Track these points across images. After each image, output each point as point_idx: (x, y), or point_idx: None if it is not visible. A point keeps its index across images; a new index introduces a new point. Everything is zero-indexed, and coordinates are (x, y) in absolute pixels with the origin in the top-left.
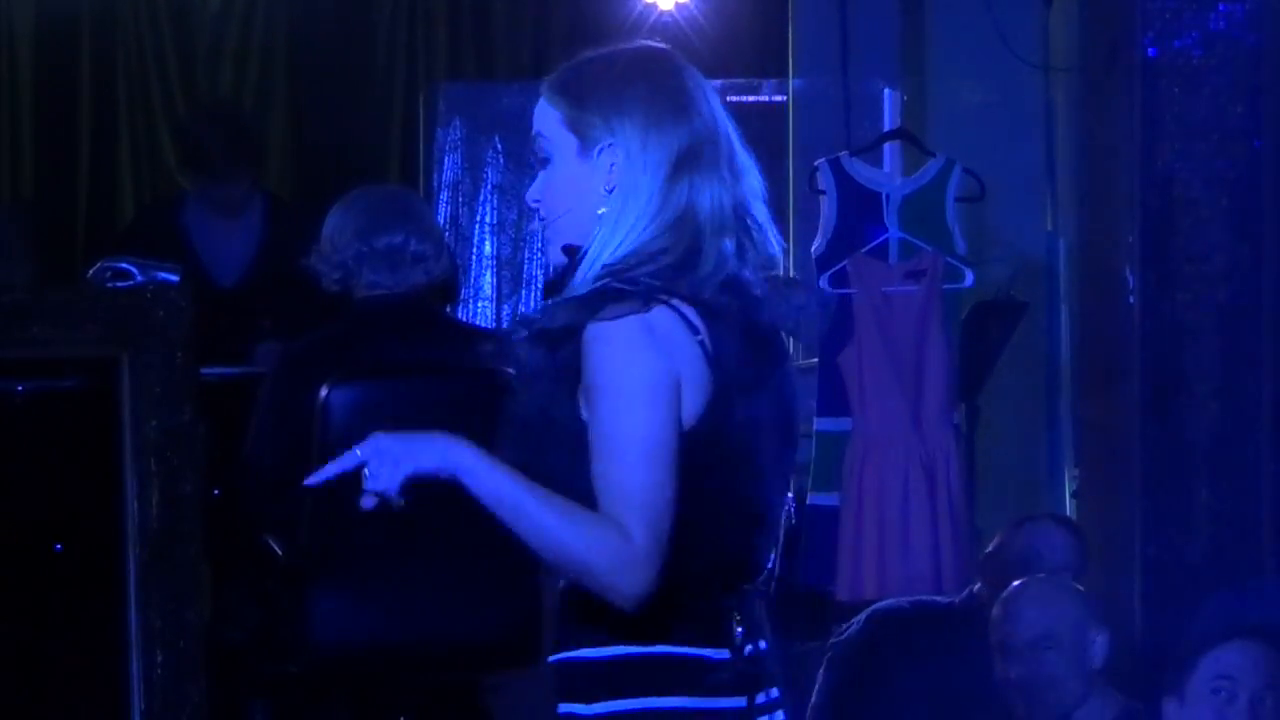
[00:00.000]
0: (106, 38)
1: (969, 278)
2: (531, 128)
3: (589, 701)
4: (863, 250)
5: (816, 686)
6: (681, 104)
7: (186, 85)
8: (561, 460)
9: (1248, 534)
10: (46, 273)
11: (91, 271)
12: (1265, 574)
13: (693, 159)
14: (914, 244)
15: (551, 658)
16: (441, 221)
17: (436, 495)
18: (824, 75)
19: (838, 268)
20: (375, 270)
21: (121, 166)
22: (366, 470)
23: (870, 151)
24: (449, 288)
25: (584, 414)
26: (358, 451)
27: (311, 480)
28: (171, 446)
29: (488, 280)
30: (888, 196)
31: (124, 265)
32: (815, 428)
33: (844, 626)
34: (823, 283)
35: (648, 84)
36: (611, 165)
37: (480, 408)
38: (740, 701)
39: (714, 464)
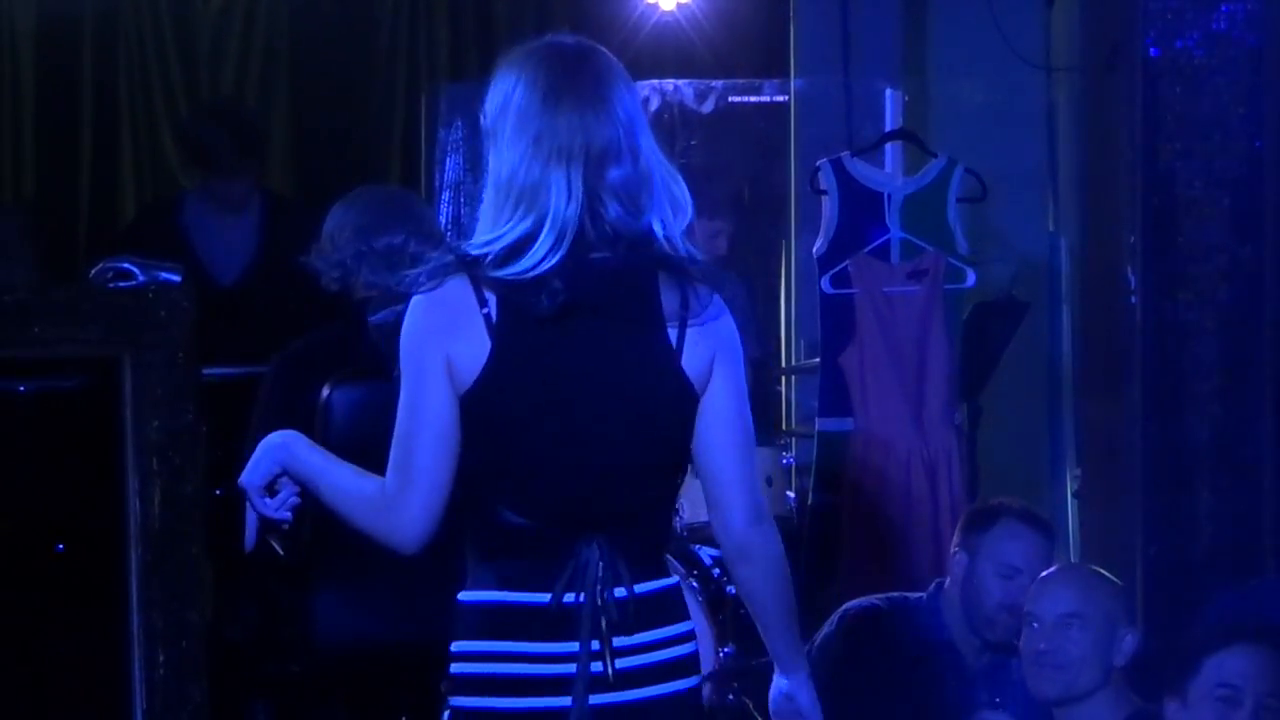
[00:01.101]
0: (108, 39)
1: (970, 278)
2: None
3: (451, 640)
4: (864, 250)
5: None
6: (544, 97)
7: (188, 86)
8: None
9: (1249, 534)
10: (48, 273)
11: (93, 272)
12: (1267, 574)
13: (546, 150)
14: (916, 244)
15: None
16: (443, 222)
17: None
18: (826, 75)
19: (839, 268)
20: (374, 270)
21: (123, 167)
22: (251, 503)
23: (872, 152)
24: None
25: None
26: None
27: (249, 547)
28: (173, 446)
29: None
30: (889, 196)
31: (126, 265)
32: (817, 427)
33: (822, 627)
34: (825, 283)
35: (521, 79)
36: (488, 153)
37: None
38: (559, 647)
39: (503, 422)
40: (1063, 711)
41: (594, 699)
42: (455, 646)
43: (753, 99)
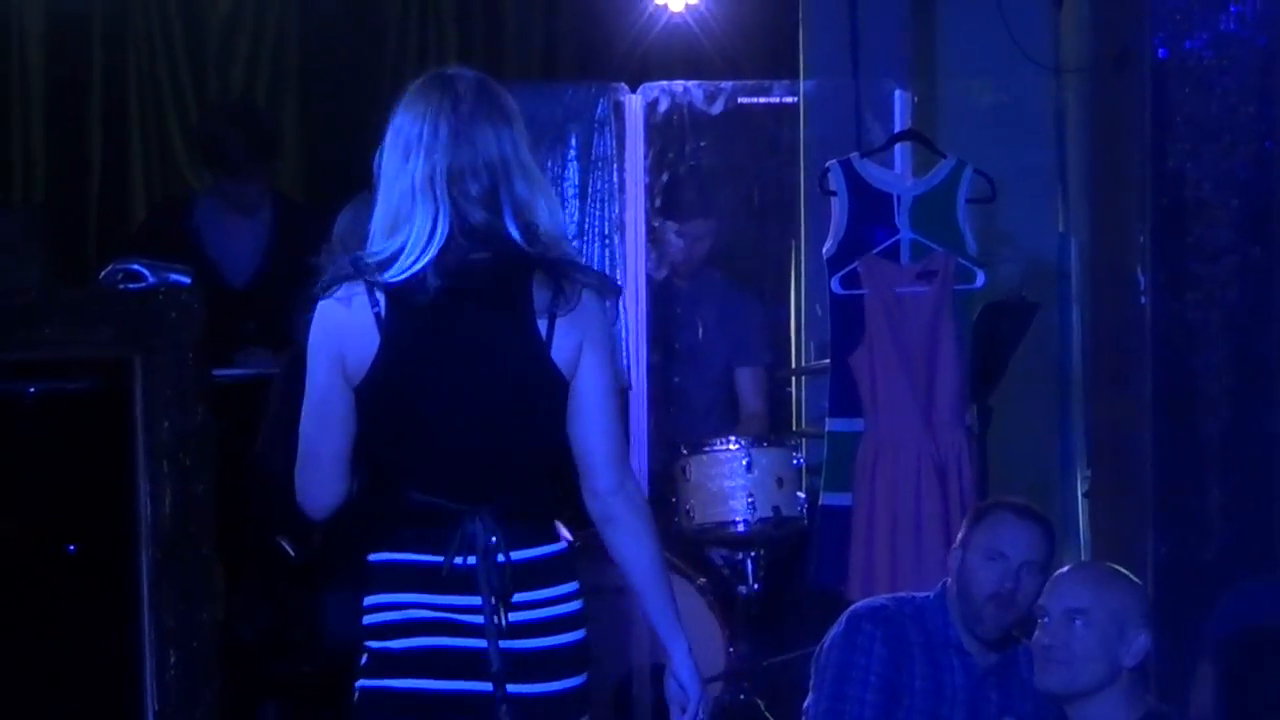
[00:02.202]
0: (117, 40)
1: (980, 278)
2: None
3: (365, 597)
4: (874, 251)
5: (811, 684)
6: (431, 119)
7: (198, 87)
8: None
9: (1260, 534)
10: (58, 275)
11: (103, 273)
12: (1278, 573)
13: (415, 175)
14: (925, 245)
15: None
16: None
17: None
18: (835, 76)
19: (849, 269)
20: None
21: (133, 168)
22: None
23: (881, 153)
24: None
25: None
26: None
27: None
28: (184, 447)
29: None
30: (899, 197)
31: (136, 267)
32: (827, 428)
33: (830, 628)
34: (834, 284)
35: (402, 110)
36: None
37: None
38: (459, 599)
39: (394, 407)
40: (1073, 709)
41: (503, 644)
42: (367, 600)
43: (762, 100)
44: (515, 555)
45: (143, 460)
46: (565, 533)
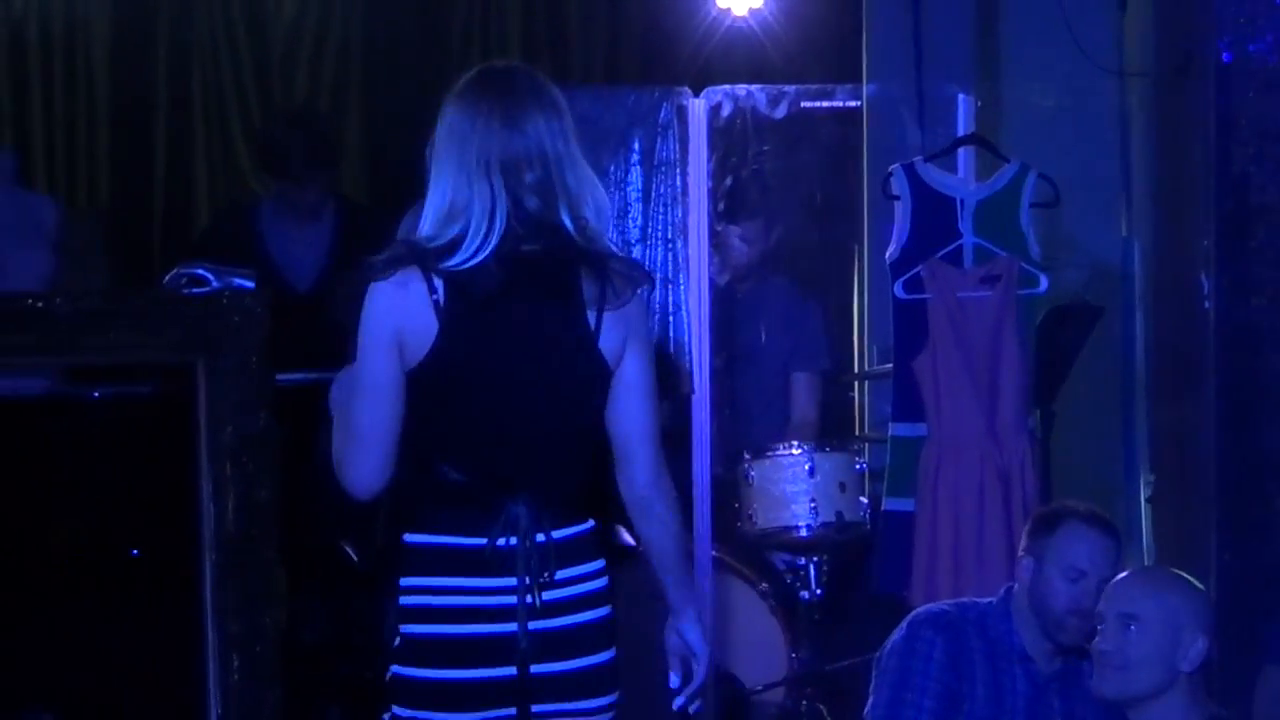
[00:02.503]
0: (182, 45)
1: (1043, 283)
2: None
3: (399, 577)
4: (937, 255)
5: (871, 689)
6: (482, 112)
7: (261, 91)
8: None
9: None
10: (123, 279)
11: (168, 277)
12: None
13: (472, 165)
14: (988, 249)
15: None
16: None
17: None
18: (898, 80)
19: (912, 273)
20: None
21: (197, 172)
22: None
23: (944, 157)
24: None
25: None
26: None
27: None
28: (247, 452)
29: None
30: (962, 202)
31: (200, 271)
32: (890, 432)
33: (892, 633)
34: (897, 288)
35: (453, 104)
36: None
37: None
38: (495, 582)
39: (449, 392)
40: (1134, 713)
41: (532, 625)
42: (404, 581)
43: (825, 104)
44: (555, 535)
45: (205, 464)
46: (627, 538)
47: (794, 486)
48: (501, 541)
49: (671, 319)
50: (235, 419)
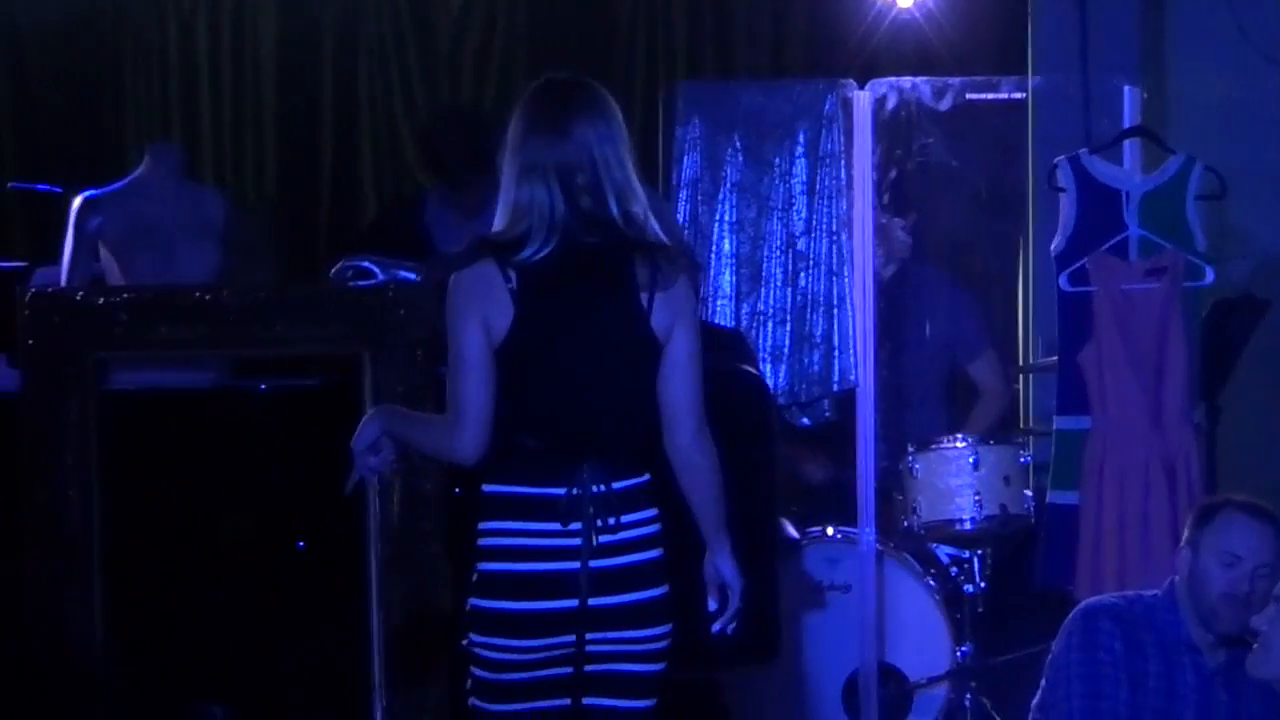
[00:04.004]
0: (349, 41)
1: (1209, 275)
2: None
3: (478, 521)
4: (1103, 248)
5: (1046, 685)
6: (538, 120)
7: (428, 86)
8: None
9: None
10: (289, 272)
11: (333, 271)
12: None
13: (531, 170)
14: (1154, 242)
15: None
16: (681, 220)
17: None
18: (1063, 72)
19: (1078, 265)
20: None
21: (363, 166)
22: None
23: (1110, 149)
24: None
25: None
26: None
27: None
28: None
29: (726, 279)
30: (1127, 194)
31: (365, 264)
32: (1055, 425)
33: (1061, 625)
34: (1063, 281)
35: (516, 117)
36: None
37: (719, 404)
38: (559, 525)
39: (526, 368)
40: None
41: (592, 564)
42: (483, 525)
43: (990, 96)
44: (614, 486)
45: None
46: (791, 531)
47: (958, 480)
48: (564, 491)
49: (836, 311)
50: None
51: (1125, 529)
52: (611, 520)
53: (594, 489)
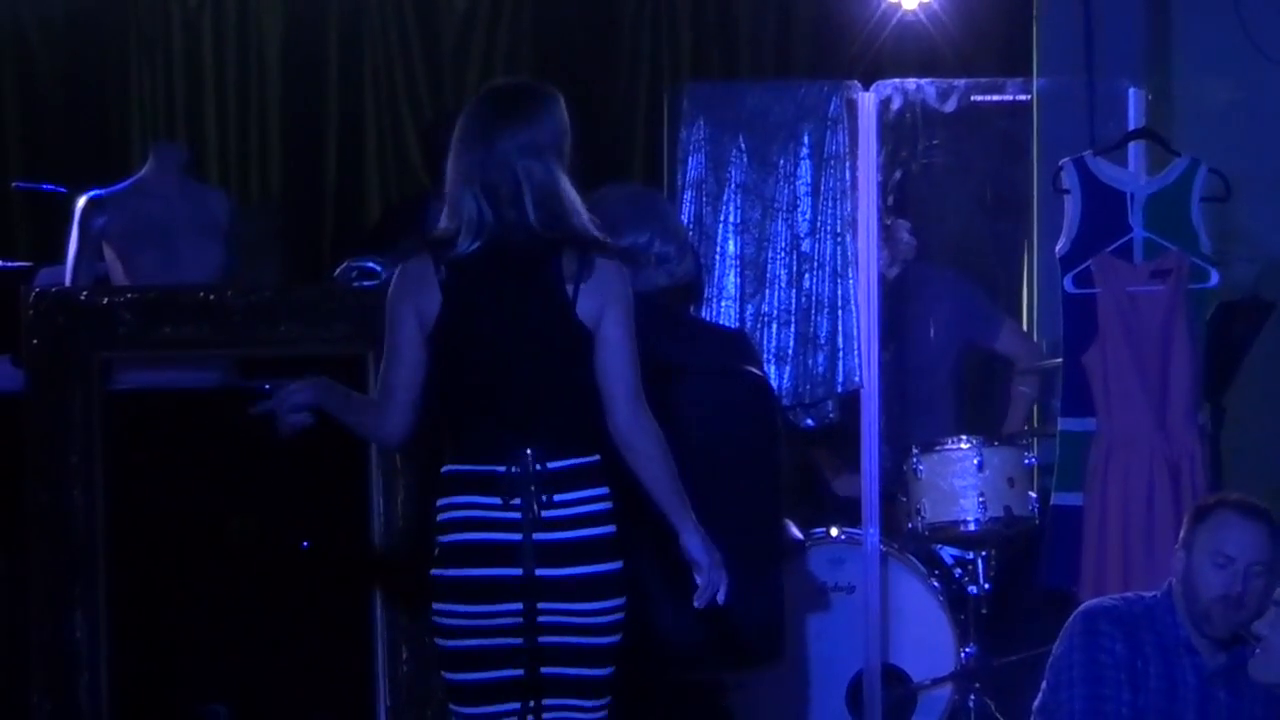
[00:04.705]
0: (354, 40)
1: (1214, 277)
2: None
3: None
4: (1107, 250)
5: (1047, 686)
6: (469, 132)
7: (432, 87)
8: None
9: None
10: (294, 272)
11: (338, 270)
12: None
13: (461, 181)
14: (1159, 244)
15: None
16: (685, 221)
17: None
18: (1068, 74)
19: (1082, 267)
20: None
21: (367, 166)
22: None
23: (1115, 151)
24: (693, 289)
25: None
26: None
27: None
28: (416, 444)
29: (731, 280)
30: (1132, 196)
31: (370, 264)
32: (1060, 427)
33: (1063, 627)
34: (1067, 282)
35: (458, 122)
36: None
37: (724, 405)
38: (504, 499)
39: (457, 353)
40: None
41: (535, 536)
42: (440, 501)
43: (995, 98)
44: (551, 465)
45: (375, 456)
46: (796, 532)
47: (963, 481)
48: (504, 469)
49: (841, 313)
50: None
51: (1129, 531)
52: (556, 497)
53: (536, 467)
